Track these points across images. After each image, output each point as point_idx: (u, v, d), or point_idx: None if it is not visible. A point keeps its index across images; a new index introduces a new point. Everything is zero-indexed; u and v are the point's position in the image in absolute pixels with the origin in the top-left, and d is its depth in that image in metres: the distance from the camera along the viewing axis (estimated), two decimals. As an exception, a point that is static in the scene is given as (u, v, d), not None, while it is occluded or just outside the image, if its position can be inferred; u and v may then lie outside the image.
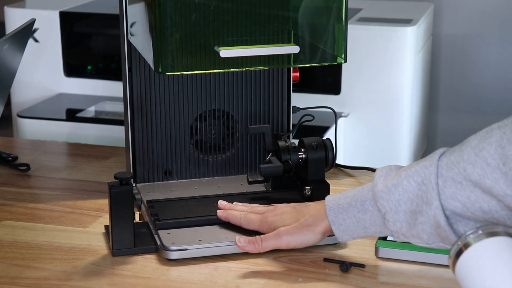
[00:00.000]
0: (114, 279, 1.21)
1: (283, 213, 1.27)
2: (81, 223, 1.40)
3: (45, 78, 2.66)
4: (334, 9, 1.29)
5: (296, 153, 1.37)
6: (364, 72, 2.50)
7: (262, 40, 1.29)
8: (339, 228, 1.19)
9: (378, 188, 1.14)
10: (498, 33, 3.12)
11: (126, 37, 1.41)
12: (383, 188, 1.13)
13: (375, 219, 1.16)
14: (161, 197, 1.41)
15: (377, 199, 1.14)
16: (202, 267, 1.24)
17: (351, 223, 1.18)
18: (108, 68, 2.69)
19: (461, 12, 3.15)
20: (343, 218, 1.18)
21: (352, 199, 1.18)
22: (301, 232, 1.22)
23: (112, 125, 2.44)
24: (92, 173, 1.63)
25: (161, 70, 1.25)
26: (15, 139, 2.01)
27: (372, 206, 1.15)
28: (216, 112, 1.50)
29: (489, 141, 1.05)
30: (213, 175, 1.51)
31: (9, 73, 1.42)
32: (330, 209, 1.19)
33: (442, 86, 3.21)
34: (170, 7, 1.23)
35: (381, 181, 1.15)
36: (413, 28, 2.49)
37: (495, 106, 3.11)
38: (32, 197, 1.52)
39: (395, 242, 1.27)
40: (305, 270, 1.23)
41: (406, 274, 1.22)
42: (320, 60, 1.33)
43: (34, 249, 1.30)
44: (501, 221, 1.07)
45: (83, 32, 2.69)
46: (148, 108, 1.46)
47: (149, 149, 1.47)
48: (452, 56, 3.18)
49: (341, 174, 1.61)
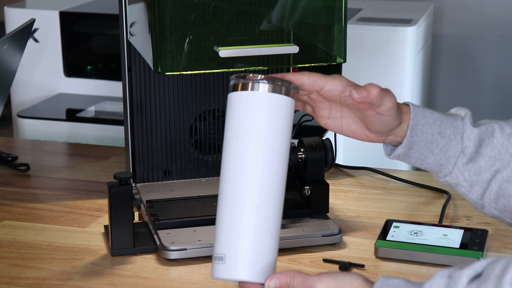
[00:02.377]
0: (113, 279, 1.21)
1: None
2: (80, 223, 1.40)
3: (45, 78, 2.66)
4: (334, 9, 1.29)
5: (296, 153, 1.37)
6: (364, 72, 2.50)
7: (262, 40, 1.29)
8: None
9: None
10: (498, 33, 3.12)
11: (125, 37, 1.41)
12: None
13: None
14: (160, 197, 1.41)
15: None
16: (201, 267, 1.24)
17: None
18: (108, 68, 2.69)
19: (461, 12, 3.15)
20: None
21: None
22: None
23: (112, 125, 2.44)
24: (92, 173, 1.63)
25: (161, 70, 1.25)
26: (15, 139, 2.01)
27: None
28: (215, 112, 1.50)
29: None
30: (213, 175, 1.51)
31: (9, 73, 1.42)
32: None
33: (442, 86, 3.21)
34: (169, 7, 1.23)
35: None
36: (413, 28, 2.49)
37: (495, 106, 3.11)
38: (32, 197, 1.52)
39: (395, 242, 1.27)
40: (305, 270, 1.23)
41: (406, 274, 1.22)
42: (320, 60, 1.33)
43: (34, 249, 1.30)
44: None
45: (83, 32, 2.69)
46: (148, 108, 1.46)
47: (149, 149, 1.47)
48: (452, 56, 3.18)
49: (341, 174, 1.61)
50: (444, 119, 1.13)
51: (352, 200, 1.49)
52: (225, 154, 1.02)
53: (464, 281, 0.93)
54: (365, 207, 1.46)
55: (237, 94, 1.02)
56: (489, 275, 0.91)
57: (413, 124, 1.11)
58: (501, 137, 1.11)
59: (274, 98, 1.02)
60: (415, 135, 1.12)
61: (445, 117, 1.13)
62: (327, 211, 1.36)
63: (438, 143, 1.12)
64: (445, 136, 1.12)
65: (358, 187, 1.55)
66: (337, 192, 1.52)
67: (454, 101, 3.19)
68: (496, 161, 1.11)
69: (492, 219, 1.40)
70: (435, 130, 1.12)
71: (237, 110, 1.02)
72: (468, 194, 1.13)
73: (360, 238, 1.33)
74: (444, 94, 3.21)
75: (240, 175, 1.00)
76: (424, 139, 1.12)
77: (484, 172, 1.11)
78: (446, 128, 1.12)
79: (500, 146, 1.11)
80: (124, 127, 1.47)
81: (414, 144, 1.12)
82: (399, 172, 1.60)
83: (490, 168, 1.11)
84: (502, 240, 1.33)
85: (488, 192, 1.11)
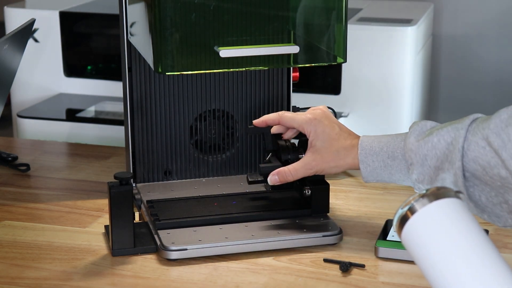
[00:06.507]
0: (114, 279, 1.21)
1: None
2: (81, 223, 1.40)
3: (45, 78, 2.66)
4: (334, 9, 1.29)
5: (296, 153, 1.37)
6: (364, 72, 2.50)
7: (262, 40, 1.29)
8: (367, 168, 1.25)
9: (410, 141, 1.22)
10: (498, 33, 3.12)
11: (126, 37, 1.41)
12: (414, 142, 1.21)
13: (402, 167, 1.23)
14: (161, 197, 1.41)
15: (406, 150, 1.22)
16: (202, 267, 1.24)
17: (379, 166, 1.25)
18: (108, 68, 2.69)
19: (461, 12, 3.15)
20: (372, 160, 1.25)
21: (384, 144, 1.25)
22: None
23: (112, 125, 2.44)
24: (92, 173, 1.63)
25: (161, 70, 1.25)
26: (15, 139, 2.01)
27: (401, 155, 1.23)
28: (216, 112, 1.50)
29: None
30: (213, 175, 1.51)
31: (9, 73, 1.42)
32: (363, 149, 1.26)
33: (442, 86, 3.21)
34: (170, 7, 1.23)
35: (415, 135, 1.22)
36: (413, 28, 2.49)
37: (495, 106, 3.11)
38: (32, 197, 1.52)
39: (395, 242, 1.27)
40: (305, 270, 1.23)
41: (406, 274, 1.22)
42: (320, 60, 1.34)
43: (34, 249, 1.30)
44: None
45: (83, 32, 2.69)
46: (148, 108, 1.46)
47: (149, 149, 1.47)
48: (452, 56, 3.18)
49: (341, 174, 1.61)
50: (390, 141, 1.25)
51: (353, 200, 1.49)
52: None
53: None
54: (365, 207, 1.46)
55: (413, 222, 0.92)
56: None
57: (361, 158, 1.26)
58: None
59: (442, 204, 0.92)
60: (366, 172, 1.26)
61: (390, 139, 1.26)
62: (327, 211, 1.36)
63: (391, 166, 1.24)
64: (396, 159, 1.24)
65: (358, 187, 1.55)
66: (337, 192, 1.52)
67: (454, 101, 3.20)
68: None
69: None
70: (384, 156, 1.24)
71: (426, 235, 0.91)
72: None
73: (360, 238, 1.33)
74: (444, 94, 3.21)
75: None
76: (377, 168, 1.25)
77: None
78: (394, 150, 1.24)
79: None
80: (125, 127, 1.47)
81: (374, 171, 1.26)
82: (399, 172, 1.60)
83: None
84: (502, 240, 1.33)
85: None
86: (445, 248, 0.89)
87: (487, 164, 1.14)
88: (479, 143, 1.14)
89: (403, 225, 0.92)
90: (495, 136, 1.12)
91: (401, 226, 0.92)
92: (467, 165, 1.16)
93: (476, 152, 1.14)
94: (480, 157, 1.14)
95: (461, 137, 1.16)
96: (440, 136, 1.19)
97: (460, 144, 1.15)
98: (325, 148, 1.29)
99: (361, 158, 1.26)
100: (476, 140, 1.14)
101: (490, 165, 1.13)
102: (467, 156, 1.15)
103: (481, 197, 1.17)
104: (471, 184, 1.17)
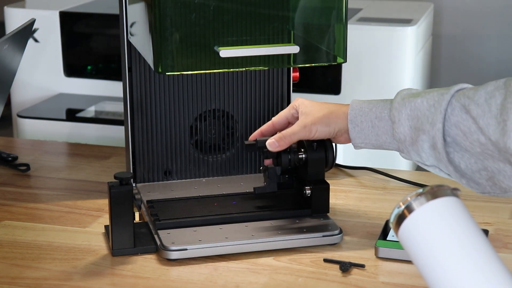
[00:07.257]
0: (114, 279, 1.21)
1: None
2: (81, 223, 1.40)
3: (45, 78, 2.66)
4: (334, 9, 1.29)
5: (296, 153, 1.37)
6: (364, 72, 2.50)
7: (262, 40, 1.29)
8: (355, 128, 1.27)
9: (395, 100, 1.24)
10: (498, 33, 3.12)
11: (126, 37, 1.41)
12: (399, 101, 1.23)
13: (388, 129, 1.24)
14: (161, 197, 1.41)
15: (391, 109, 1.23)
16: (202, 267, 1.24)
17: (367, 126, 1.26)
18: (108, 68, 2.69)
19: (461, 12, 3.15)
20: (361, 120, 1.26)
21: (374, 105, 1.26)
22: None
23: (112, 125, 2.44)
24: (92, 173, 1.63)
25: (161, 70, 1.25)
26: (15, 139, 2.01)
27: (388, 116, 1.24)
28: (216, 112, 1.50)
29: (501, 92, 1.14)
30: (213, 175, 1.51)
31: (9, 73, 1.42)
32: (353, 109, 1.28)
33: (442, 86, 3.21)
34: (170, 7, 1.23)
35: (402, 95, 1.24)
36: (413, 28, 2.49)
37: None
38: (32, 197, 1.52)
39: (395, 242, 1.27)
40: (305, 270, 1.23)
41: (406, 274, 1.22)
42: (320, 60, 1.34)
43: (34, 249, 1.30)
44: (493, 156, 1.15)
45: (83, 32, 2.69)
46: (148, 108, 1.46)
47: (149, 149, 1.47)
48: (452, 56, 3.18)
49: (341, 174, 1.61)
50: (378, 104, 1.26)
51: (353, 200, 1.49)
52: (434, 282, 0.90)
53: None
54: (366, 207, 1.46)
55: (410, 221, 0.92)
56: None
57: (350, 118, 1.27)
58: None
59: (440, 203, 0.92)
60: (354, 132, 1.27)
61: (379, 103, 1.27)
62: (327, 211, 1.36)
63: (378, 127, 1.25)
64: (382, 119, 1.25)
65: (358, 187, 1.55)
66: (337, 192, 1.52)
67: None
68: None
69: (493, 219, 1.40)
70: (372, 116, 1.26)
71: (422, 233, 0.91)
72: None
73: (360, 238, 1.33)
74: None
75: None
76: (365, 128, 1.26)
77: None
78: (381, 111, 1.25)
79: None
80: (125, 127, 1.47)
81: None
82: (399, 172, 1.60)
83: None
84: (502, 240, 1.33)
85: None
86: (441, 248, 0.89)
87: (467, 130, 1.16)
88: (462, 109, 1.16)
89: (400, 223, 0.92)
90: (475, 106, 1.15)
91: (398, 225, 0.93)
92: (449, 130, 1.18)
93: (458, 117, 1.17)
94: (461, 122, 1.16)
95: (444, 100, 1.18)
96: (424, 98, 1.20)
97: (443, 107, 1.17)
98: (316, 110, 1.30)
99: (350, 118, 1.27)
100: (460, 105, 1.17)
101: (470, 131, 1.15)
102: (450, 121, 1.17)
103: (460, 163, 1.19)
104: (452, 150, 1.19)
